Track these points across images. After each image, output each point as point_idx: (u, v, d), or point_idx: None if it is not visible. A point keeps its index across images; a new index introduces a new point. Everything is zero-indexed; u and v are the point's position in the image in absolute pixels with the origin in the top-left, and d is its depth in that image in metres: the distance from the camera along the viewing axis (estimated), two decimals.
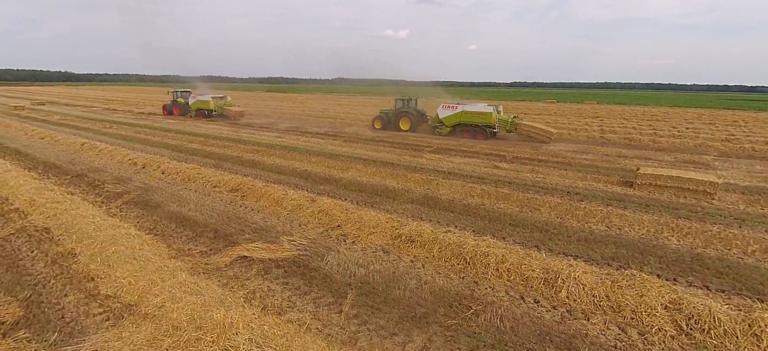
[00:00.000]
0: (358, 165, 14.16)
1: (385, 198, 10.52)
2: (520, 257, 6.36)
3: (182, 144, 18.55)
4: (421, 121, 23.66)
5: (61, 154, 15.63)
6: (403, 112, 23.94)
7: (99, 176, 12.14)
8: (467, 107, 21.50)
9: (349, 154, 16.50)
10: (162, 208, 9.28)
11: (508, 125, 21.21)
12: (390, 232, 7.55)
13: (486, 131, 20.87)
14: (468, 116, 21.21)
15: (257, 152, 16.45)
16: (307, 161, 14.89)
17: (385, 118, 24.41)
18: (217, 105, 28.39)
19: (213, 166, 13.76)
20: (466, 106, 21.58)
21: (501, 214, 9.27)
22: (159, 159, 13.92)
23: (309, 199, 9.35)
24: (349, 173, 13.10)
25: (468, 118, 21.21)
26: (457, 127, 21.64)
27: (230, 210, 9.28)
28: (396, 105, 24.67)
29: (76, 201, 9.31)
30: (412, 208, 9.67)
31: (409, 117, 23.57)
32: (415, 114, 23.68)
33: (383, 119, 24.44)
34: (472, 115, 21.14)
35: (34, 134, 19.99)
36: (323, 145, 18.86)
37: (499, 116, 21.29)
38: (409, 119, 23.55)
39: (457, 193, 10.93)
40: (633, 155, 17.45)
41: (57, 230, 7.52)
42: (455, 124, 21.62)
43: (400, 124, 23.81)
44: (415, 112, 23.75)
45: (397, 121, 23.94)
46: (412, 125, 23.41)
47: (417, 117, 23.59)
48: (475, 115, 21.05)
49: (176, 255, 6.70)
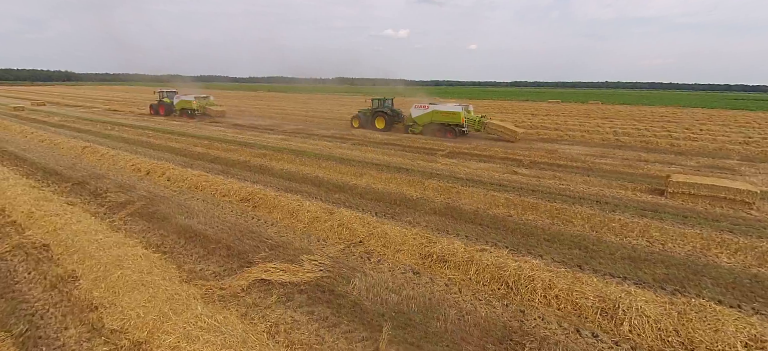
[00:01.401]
0: (372, 171, 13.55)
1: (404, 208, 9.90)
2: (569, 282, 5.74)
3: (186, 147, 17.93)
4: (395, 120, 24.37)
5: (62, 158, 15.02)
6: (378, 112, 24.68)
7: (101, 184, 11.53)
8: (438, 107, 22.14)
9: (360, 158, 15.89)
10: (169, 220, 8.66)
11: (476, 124, 21.81)
12: (418, 250, 6.93)
13: (455, 130, 21.38)
14: (439, 115, 21.77)
15: (265, 157, 15.84)
16: (317, 166, 14.28)
17: (362, 118, 25.32)
18: (200, 105, 29.19)
19: (220, 173, 13.15)
20: (437, 106, 22.21)
21: (532, 227, 8.65)
22: (163, 165, 13.31)
23: (326, 210, 8.74)
24: (363, 180, 12.48)
25: (439, 117, 21.76)
26: (428, 125, 22.11)
27: (242, 223, 8.66)
28: (372, 105, 25.48)
29: (78, 213, 8.69)
30: (435, 220, 9.06)
31: (384, 116, 24.27)
32: (390, 113, 24.43)
33: (361, 118, 25.36)
34: (442, 115, 21.70)
35: (34, 137, 19.39)
36: (332, 148, 18.25)
37: (469, 115, 21.85)
38: (383, 118, 24.27)
39: (480, 202, 10.31)
40: (654, 160, 16.81)
41: (57, 248, 6.91)
42: (427, 123, 22.11)
43: (375, 123, 24.59)
44: (390, 112, 24.53)
45: (373, 120, 24.76)
46: (387, 124, 24.10)
47: (392, 116, 24.33)
48: (445, 115, 21.62)
49: (188, 278, 6.08)
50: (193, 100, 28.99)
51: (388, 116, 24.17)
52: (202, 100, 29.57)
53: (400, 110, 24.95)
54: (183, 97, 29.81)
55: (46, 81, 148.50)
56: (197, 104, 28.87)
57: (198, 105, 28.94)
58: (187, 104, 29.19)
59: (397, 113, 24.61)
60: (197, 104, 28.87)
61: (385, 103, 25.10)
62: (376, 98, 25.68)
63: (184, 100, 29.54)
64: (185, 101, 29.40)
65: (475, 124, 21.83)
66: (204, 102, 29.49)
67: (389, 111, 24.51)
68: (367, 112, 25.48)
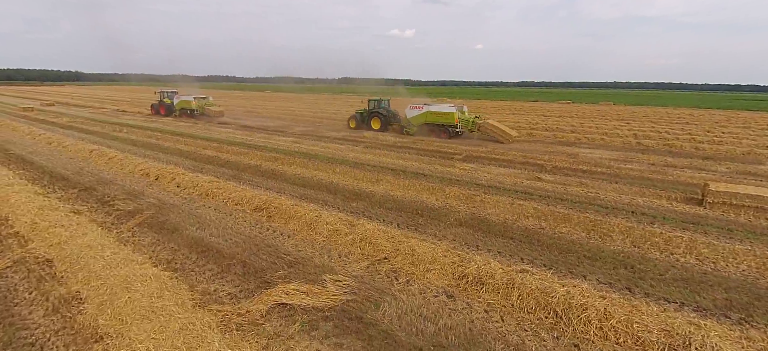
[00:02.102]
0: (388, 176, 12.97)
1: (427, 219, 9.31)
2: (627, 311, 5.12)
3: (196, 150, 17.49)
4: (391, 120, 24.28)
5: (69, 162, 14.63)
6: (374, 112, 24.70)
7: (109, 190, 11.08)
8: (432, 107, 22.23)
9: (375, 162, 15.32)
10: (180, 232, 8.15)
11: (470, 125, 21.77)
12: (451, 270, 6.34)
13: (449, 130, 21.43)
14: (433, 116, 21.81)
15: (276, 161, 15.33)
16: (331, 171, 13.73)
17: (359, 118, 25.30)
18: (199, 105, 29.71)
19: (232, 178, 12.66)
20: (431, 107, 22.30)
21: (568, 242, 8.01)
22: (173, 169, 12.85)
23: (346, 222, 8.17)
24: (380, 186, 11.91)
25: (433, 117, 21.80)
26: (423, 126, 22.11)
27: (257, 235, 8.13)
28: (369, 105, 25.41)
29: (84, 223, 8.22)
30: (462, 233, 8.46)
31: (380, 117, 24.28)
32: (386, 114, 24.38)
33: (357, 118, 25.31)
34: (436, 115, 21.75)
35: (42, 139, 19.07)
36: (344, 151, 17.70)
37: (463, 116, 21.87)
38: (379, 119, 24.29)
39: (507, 212, 9.69)
40: (681, 165, 16.05)
41: (61, 264, 6.42)
42: (422, 124, 22.13)
43: (371, 124, 24.58)
44: (386, 112, 24.47)
45: (369, 120, 24.76)
46: (383, 124, 24.10)
47: (387, 117, 24.27)
48: (440, 115, 21.67)
49: (202, 301, 5.55)
50: (192, 100, 29.59)
51: (383, 117, 24.18)
52: (201, 100, 30.16)
53: (396, 111, 24.89)
54: (183, 98, 30.42)
55: (55, 81, 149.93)
56: (197, 104, 29.50)
57: (197, 105, 29.55)
58: (187, 104, 29.78)
59: (393, 114, 24.64)
60: (197, 104, 29.50)
61: (381, 104, 25.15)
62: (372, 99, 25.69)
63: (183, 100, 30.15)
64: (185, 101, 30.00)
65: (469, 125, 21.82)
66: (203, 102, 30.10)
67: (385, 111, 24.53)
68: (364, 112, 25.44)
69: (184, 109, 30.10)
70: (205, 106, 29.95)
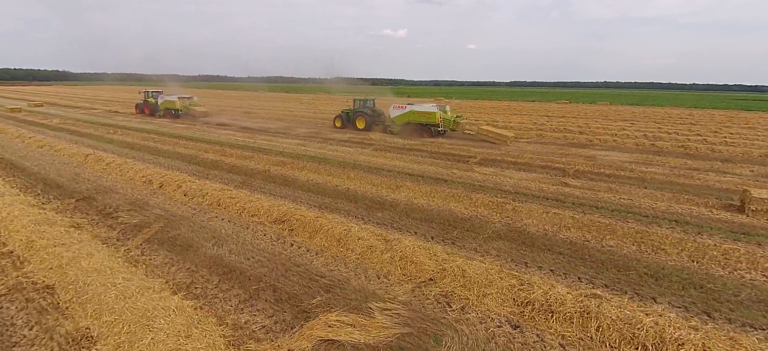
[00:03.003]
0: (407, 182, 12.27)
1: (462, 231, 8.61)
2: (728, 347, 4.47)
3: (197, 154, 16.60)
4: (376, 120, 24.46)
5: (63, 168, 13.66)
6: (359, 112, 24.82)
7: (110, 200, 10.19)
8: (415, 107, 22.46)
9: (389, 166, 14.59)
10: (195, 249, 7.35)
11: (451, 124, 22.12)
12: (511, 295, 5.65)
13: (432, 129, 21.78)
14: (415, 115, 22.07)
15: (284, 165, 14.52)
16: (345, 176, 12.97)
17: (344, 117, 25.47)
18: (184, 105, 29.59)
19: (241, 185, 11.84)
20: (414, 106, 22.54)
21: (621, 258, 7.38)
22: (177, 176, 11.99)
23: (379, 237, 7.44)
24: (401, 194, 11.20)
25: (415, 117, 22.06)
26: (406, 125, 22.39)
27: (281, 251, 7.36)
28: (354, 105, 25.52)
29: (86, 240, 7.37)
30: (505, 248, 7.78)
31: (365, 116, 24.35)
32: (371, 113, 24.58)
33: (343, 118, 25.51)
34: (419, 115, 22.01)
35: (32, 142, 18.00)
36: (354, 154, 16.94)
37: (445, 115, 22.09)
38: (364, 118, 24.35)
39: (544, 222, 9.03)
40: (703, 168, 15.59)
41: (64, 292, 5.59)
42: (405, 123, 22.40)
43: (356, 123, 24.69)
44: (370, 112, 24.67)
45: (354, 119, 24.88)
46: (368, 124, 24.17)
47: (372, 116, 24.44)
48: (422, 115, 21.94)
49: (234, 337, 4.78)
50: (176, 100, 29.47)
51: (368, 116, 24.33)
52: (186, 100, 30.02)
53: (381, 111, 25.00)
54: (167, 98, 30.29)
55: (42, 81, 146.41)
56: (181, 104, 29.37)
57: (182, 105, 29.41)
58: (171, 104, 29.63)
59: (378, 113, 24.80)
60: (181, 104, 29.37)
61: (366, 104, 25.30)
62: (357, 99, 25.81)
63: (168, 100, 30.00)
64: (169, 101, 29.85)
65: (450, 124, 22.15)
66: (187, 102, 29.96)
67: (370, 111, 24.74)
68: (349, 112, 25.58)
69: (168, 109, 29.95)
70: (190, 106, 29.89)
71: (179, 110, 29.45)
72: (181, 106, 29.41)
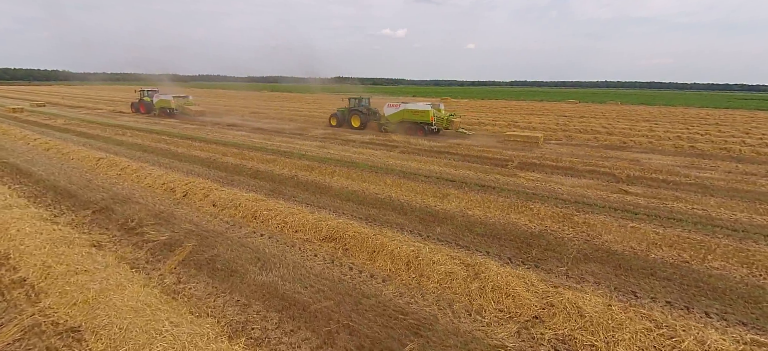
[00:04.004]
0: (451, 189, 11.21)
1: (541, 250, 7.51)
2: None
3: (215, 157, 15.50)
4: (371, 118, 24.48)
5: (74, 173, 12.55)
6: (353, 110, 24.80)
7: (130, 211, 9.08)
8: (409, 105, 22.45)
9: (425, 171, 13.50)
10: (240, 275, 6.24)
11: (445, 122, 21.93)
12: (652, 342, 4.54)
13: (425, 127, 21.74)
14: (409, 114, 22.13)
15: (312, 169, 13.42)
16: (382, 183, 11.87)
17: (340, 116, 25.48)
18: (178, 104, 29.35)
19: (272, 194, 10.75)
20: (408, 105, 22.52)
21: (739, 285, 6.28)
22: (201, 183, 10.88)
23: (457, 260, 6.33)
24: (451, 203, 10.09)
25: (409, 115, 22.13)
26: (400, 123, 22.43)
27: (341, 277, 6.26)
28: (349, 104, 25.49)
29: (111, 264, 6.27)
30: (601, 272, 6.67)
31: (360, 115, 24.36)
32: (366, 112, 24.59)
33: (338, 117, 25.53)
34: (412, 113, 22.06)
35: (38, 144, 16.89)
36: (382, 158, 15.84)
37: (438, 114, 21.91)
38: (359, 117, 24.36)
39: (627, 239, 7.93)
40: (760, 172, 14.50)
41: (95, 340, 4.49)
42: (399, 121, 22.45)
43: (351, 121, 24.70)
44: (365, 111, 24.64)
45: (349, 118, 24.87)
46: (362, 123, 24.20)
47: (367, 115, 24.46)
48: (415, 113, 21.97)
49: None
50: (171, 99, 29.29)
51: (363, 115, 24.32)
52: (181, 99, 29.76)
53: (376, 109, 24.94)
54: (162, 97, 30.14)
55: (42, 80, 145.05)
56: (175, 104, 29.16)
57: (176, 104, 29.19)
58: (166, 103, 29.53)
59: (373, 112, 24.81)
60: (175, 104, 29.16)
61: (361, 103, 25.24)
62: (352, 97, 25.73)
63: (162, 99, 29.89)
64: (164, 100, 29.74)
65: (444, 122, 21.97)
66: (182, 101, 29.68)
67: (365, 110, 24.72)
68: (344, 110, 25.55)
69: (163, 108, 29.88)
70: (185, 105, 29.55)
71: (174, 109, 29.21)
72: (175, 105, 29.19)
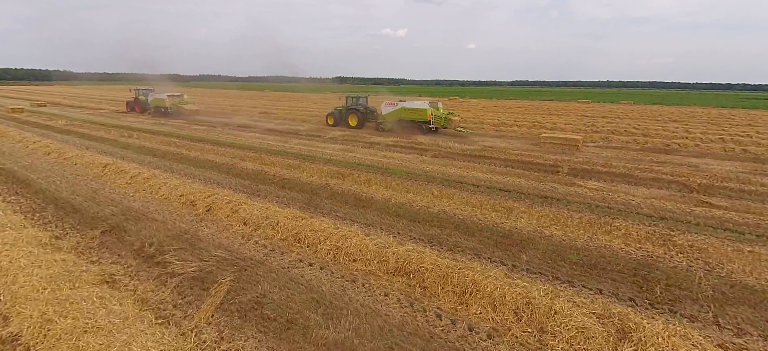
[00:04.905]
0: (513, 202, 9.75)
1: (666, 287, 6.01)
2: None
3: (233, 162, 14.03)
4: (369, 117, 24.19)
5: (78, 182, 11.09)
6: (351, 109, 24.43)
7: (146, 231, 7.60)
8: (406, 104, 21.98)
9: (467, 178, 12.03)
10: (302, 328, 4.75)
11: (442, 121, 21.41)
12: None
13: (423, 126, 21.36)
14: (406, 112, 21.71)
15: (344, 177, 11.96)
16: (428, 194, 10.40)
17: (337, 115, 25.12)
18: (173, 103, 28.89)
19: (309, 207, 9.28)
20: (405, 103, 22.04)
21: None
22: (225, 195, 9.41)
23: (589, 313, 4.85)
24: (520, 220, 8.61)
25: (406, 114, 21.70)
26: (397, 122, 21.97)
27: (430, 331, 4.78)
28: (347, 102, 25.09)
29: (131, 314, 4.80)
30: (759, 320, 5.19)
31: (357, 113, 24.00)
32: (364, 110, 24.24)
33: (335, 115, 25.17)
34: (409, 112, 21.64)
35: (38, 148, 15.43)
36: (418, 163, 14.37)
37: (436, 112, 21.48)
38: (356, 116, 24.01)
39: (758, 270, 6.45)
40: None
41: None
42: (396, 120, 22.02)
43: (348, 120, 24.36)
44: (363, 109, 24.28)
45: (346, 117, 24.55)
46: (360, 121, 23.84)
47: (364, 113, 24.12)
48: (413, 112, 21.55)
49: None
50: (166, 98, 28.88)
51: (360, 113, 23.96)
52: (176, 98, 29.30)
53: (374, 108, 24.63)
54: (157, 96, 29.75)
55: (43, 80, 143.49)
56: (170, 102, 28.76)
57: (171, 103, 28.76)
58: (161, 102, 29.17)
59: (370, 110, 24.47)
60: (170, 102, 28.76)
61: (359, 101, 24.84)
62: (350, 96, 25.28)
63: (157, 98, 29.51)
64: (159, 99, 29.36)
65: (442, 121, 21.44)
66: (177, 100, 29.20)
67: (362, 108, 24.34)
68: (342, 109, 25.18)
69: (158, 107, 29.55)
70: (179, 104, 29.00)
71: (168, 108, 28.72)
72: (170, 104, 28.66)
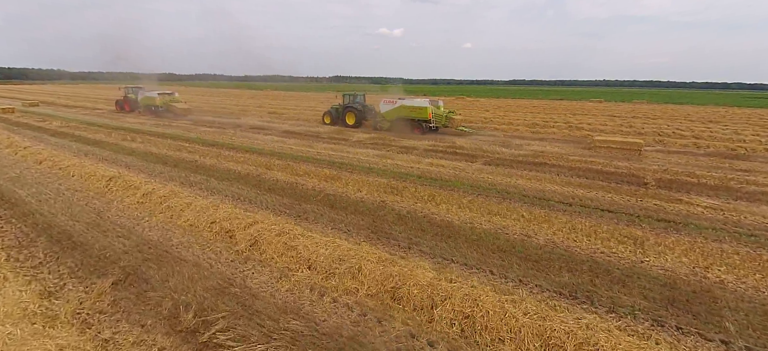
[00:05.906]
0: (624, 226, 7.74)
1: None
2: None
3: (258, 172, 11.95)
4: (367, 115, 23.62)
5: (76, 201, 8.94)
6: (348, 107, 23.86)
7: (176, 280, 5.48)
8: (405, 102, 21.35)
9: (554, 194, 10.01)
10: None
11: (443, 120, 20.88)
12: None
13: (423, 125, 20.69)
14: (406, 110, 20.99)
15: (400, 192, 9.91)
16: (513, 214, 8.37)
17: (334, 113, 24.64)
18: (164, 101, 27.96)
19: (380, 238, 7.22)
20: (404, 101, 21.42)
21: None
22: (269, 220, 7.31)
23: None
24: (665, 259, 6.59)
25: (406, 112, 20.98)
26: (396, 121, 21.20)
27: None
28: (344, 101, 24.45)
29: None
30: None
31: (355, 112, 23.44)
32: (361, 109, 23.64)
33: (332, 114, 24.73)
34: (409, 110, 20.93)
35: (29, 155, 13.22)
36: (472, 172, 12.36)
37: (437, 111, 20.78)
38: (354, 114, 23.46)
39: None
40: None
41: None
42: (395, 119, 21.28)
43: (346, 119, 23.84)
44: (360, 107, 23.69)
45: (343, 115, 23.99)
46: (357, 120, 23.30)
47: (362, 112, 23.53)
48: (412, 110, 20.82)
49: None
50: (156, 96, 27.98)
51: (358, 112, 23.37)
52: (166, 96, 28.29)
53: (372, 106, 23.92)
54: (147, 94, 28.80)
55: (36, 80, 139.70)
56: (161, 101, 27.86)
57: (161, 102, 27.85)
58: (151, 101, 28.25)
59: (368, 109, 23.90)
60: (161, 101, 27.86)
61: (356, 99, 24.24)
62: (347, 94, 24.66)
63: (147, 97, 28.59)
64: (149, 98, 28.45)
65: (442, 120, 20.87)
66: (168, 98, 28.16)
67: (360, 107, 23.76)
68: (339, 108, 24.60)
69: (148, 106, 28.57)
70: (170, 103, 27.90)
71: (159, 107, 27.74)
72: (160, 102, 27.67)
